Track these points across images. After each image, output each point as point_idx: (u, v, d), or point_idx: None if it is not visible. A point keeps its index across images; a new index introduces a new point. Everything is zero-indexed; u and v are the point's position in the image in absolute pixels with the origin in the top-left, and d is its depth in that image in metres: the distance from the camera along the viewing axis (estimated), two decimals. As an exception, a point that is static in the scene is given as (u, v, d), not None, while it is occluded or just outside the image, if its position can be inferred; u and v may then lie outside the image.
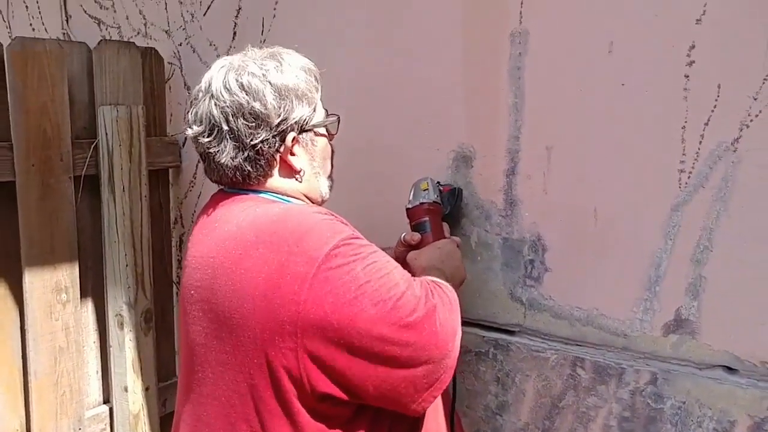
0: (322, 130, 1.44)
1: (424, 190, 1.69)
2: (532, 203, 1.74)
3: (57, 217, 2.00)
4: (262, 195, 1.37)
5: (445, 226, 1.70)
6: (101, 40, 2.16)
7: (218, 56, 2.23)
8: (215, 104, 1.31)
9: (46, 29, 2.73)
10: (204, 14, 2.28)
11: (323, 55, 1.97)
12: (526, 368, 1.77)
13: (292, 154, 1.37)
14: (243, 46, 2.14)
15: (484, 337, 1.83)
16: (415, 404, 1.22)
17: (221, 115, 1.31)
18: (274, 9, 2.11)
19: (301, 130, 1.36)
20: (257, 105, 1.29)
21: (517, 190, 1.75)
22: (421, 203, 1.67)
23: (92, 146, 2.10)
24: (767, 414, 1.48)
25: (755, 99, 1.45)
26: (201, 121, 1.33)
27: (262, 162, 1.34)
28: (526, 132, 1.72)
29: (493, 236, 1.80)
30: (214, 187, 2.27)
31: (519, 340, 1.79)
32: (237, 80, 1.31)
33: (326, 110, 1.46)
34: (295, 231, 1.20)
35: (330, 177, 1.50)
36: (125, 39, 2.45)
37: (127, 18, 2.48)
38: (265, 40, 2.14)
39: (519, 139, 1.73)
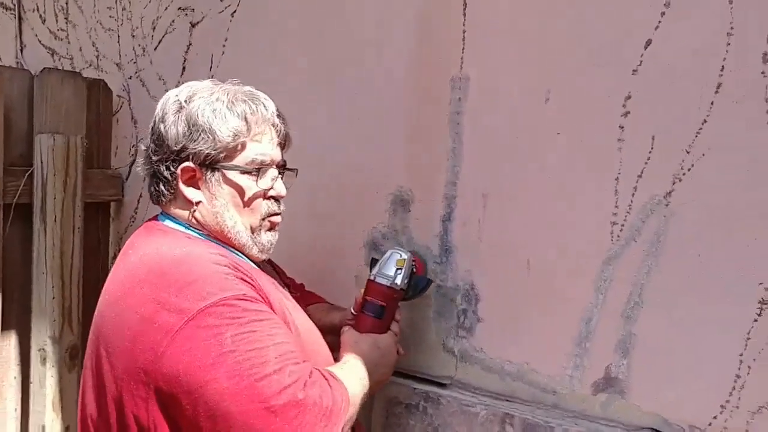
0: (239, 178, 1.34)
1: (397, 269, 1.52)
2: (466, 251, 1.69)
3: (-20, 244, 1.93)
4: (178, 226, 1.34)
5: (397, 312, 1.56)
6: (44, 68, 2.12)
7: (166, 90, 2.23)
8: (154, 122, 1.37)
9: (0, 58, 2.70)
10: (155, 48, 2.25)
11: (268, 93, 1.95)
12: (455, 423, 1.69)
13: (187, 185, 1.33)
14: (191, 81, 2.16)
15: (415, 389, 1.76)
16: None
17: (149, 129, 1.37)
18: (224, 46, 2.09)
19: (208, 167, 1.32)
20: (161, 126, 1.32)
21: (453, 236, 1.71)
22: (389, 286, 1.50)
23: (27, 174, 2.04)
24: (695, 481, 1.41)
25: (688, 152, 1.42)
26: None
27: (162, 184, 1.34)
28: (464, 178, 1.69)
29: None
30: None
31: (450, 394, 1.71)
32: (163, 99, 1.36)
33: (272, 161, 1.38)
34: (181, 279, 1.15)
35: (252, 228, 1.37)
36: (77, 70, 2.42)
37: (81, 49, 2.45)
38: (213, 76, 2.11)
39: (456, 185, 1.70)
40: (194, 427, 1.10)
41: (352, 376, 1.31)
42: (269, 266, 1.60)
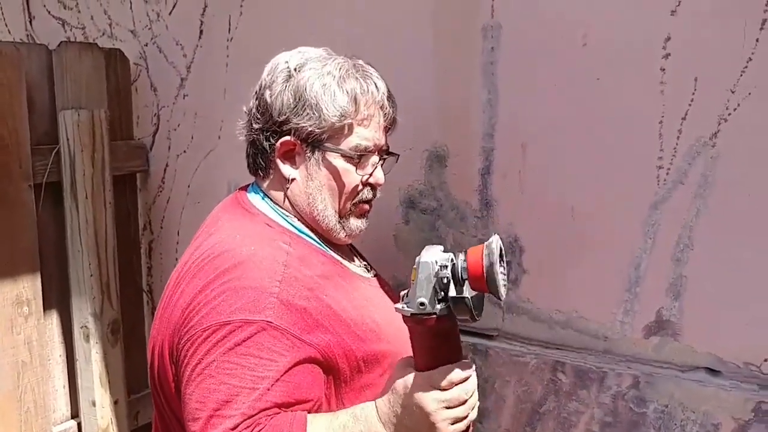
0: (338, 161, 1.29)
1: (427, 282, 1.04)
2: (508, 203, 1.68)
3: (17, 226, 1.92)
4: (265, 206, 1.33)
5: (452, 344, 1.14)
6: (62, 42, 2.08)
7: (185, 56, 2.20)
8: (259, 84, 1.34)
9: (9, 31, 2.64)
10: (170, 13, 2.20)
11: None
12: (505, 373, 1.71)
13: (284, 160, 1.29)
14: (210, 45, 2.13)
15: (462, 342, 1.77)
16: None
17: (254, 93, 1.33)
18: (241, 6, 2.04)
19: (310, 145, 1.27)
20: (267, 93, 1.28)
21: (492, 189, 1.70)
22: (415, 314, 1.04)
23: (53, 152, 2.02)
24: (752, 416, 1.43)
25: (733, 92, 1.40)
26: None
27: (259, 154, 1.32)
28: (501, 129, 1.67)
29: (469, 238, 1.74)
30: (183, 192, 2.24)
31: (498, 345, 1.73)
32: (272, 63, 1.32)
33: (375, 145, 1.31)
34: (229, 282, 1.15)
35: (341, 212, 1.32)
36: (90, 40, 2.37)
37: (92, 18, 2.40)
38: (232, 39, 2.07)
39: (493, 137, 1.68)
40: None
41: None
42: (348, 249, 1.49)
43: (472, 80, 1.68)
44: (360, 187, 1.32)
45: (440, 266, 1.05)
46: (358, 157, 1.29)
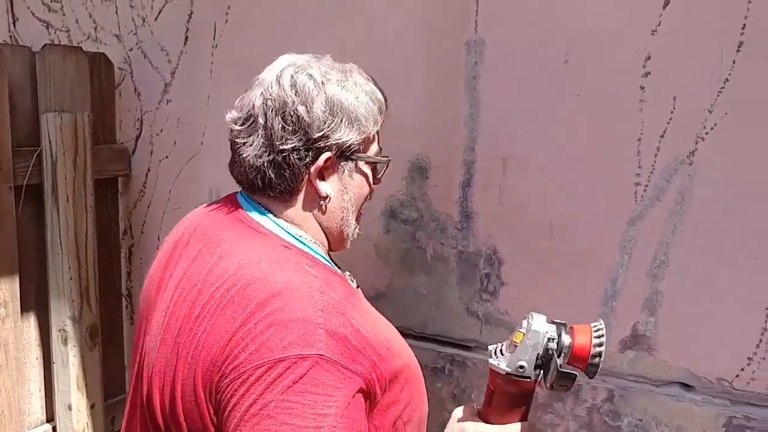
0: (366, 168, 1.29)
1: (513, 344, 1.14)
2: (487, 215, 1.70)
3: (-4, 228, 1.91)
4: (281, 233, 1.22)
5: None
6: (46, 44, 2.08)
7: (169, 62, 2.20)
8: (261, 94, 1.21)
9: (-7, 33, 2.63)
10: (155, 18, 2.21)
11: (277, 58, 1.92)
12: (482, 384, 1.72)
13: (322, 178, 1.23)
14: (195, 51, 2.13)
15: (440, 352, 1.79)
16: None
17: (261, 107, 1.20)
18: (227, 14, 2.05)
19: (342, 156, 1.23)
20: (301, 109, 1.18)
21: (473, 201, 1.71)
22: (491, 366, 1.15)
23: (35, 154, 2.01)
24: (723, 431, 1.46)
25: (710, 111, 1.43)
26: (241, 109, 1.23)
27: (287, 174, 1.20)
28: (482, 143, 1.69)
29: (449, 249, 1.76)
30: (164, 197, 2.23)
31: (475, 356, 1.75)
32: (292, 77, 1.20)
33: (381, 148, 1.34)
34: (273, 315, 1.06)
35: (357, 220, 1.34)
36: (75, 43, 2.36)
37: (77, 22, 2.39)
38: (217, 46, 2.08)
39: (474, 150, 1.70)
40: None
41: None
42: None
43: (455, 94, 1.70)
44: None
45: (548, 338, 1.12)
46: (383, 160, 1.32)
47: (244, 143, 1.21)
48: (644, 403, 1.53)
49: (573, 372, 1.10)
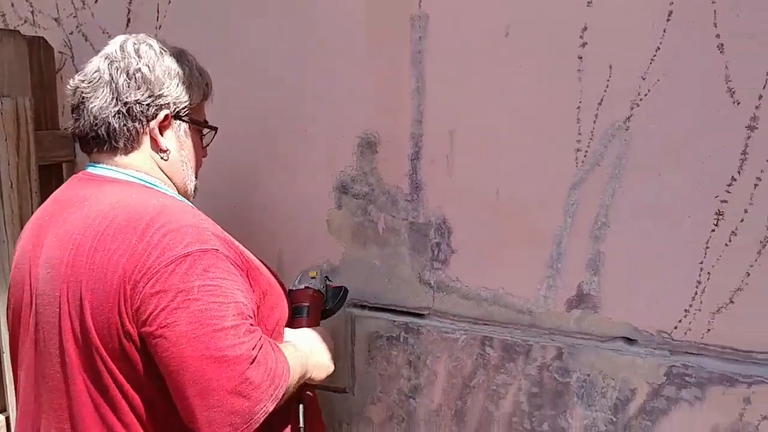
0: (195, 131, 1.46)
1: (312, 278, 1.66)
2: (436, 187, 1.75)
3: (-62, 216, 1.87)
4: (134, 180, 1.35)
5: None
6: (-18, 28, 2.03)
7: (112, 45, 2.17)
8: (105, 59, 1.36)
9: None
10: (95, 1, 2.17)
11: (220, 40, 1.93)
12: (436, 350, 1.78)
13: (161, 133, 1.38)
14: (138, 33, 2.10)
15: (394, 321, 1.84)
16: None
17: (107, 69, 1.35)
18: (170, -5, 2.04)
19: (178, 117, 1.40)
20: (145, 69, 1.34)
21: (422, 174, 1.76)
22: (306, 287, 1.64)
23: (-24, 141, 1.97)
24: (664, 380, 1.55)
25: (644, 79, 1.50)
26: (85, 74, 1.37)
27: (130, 125, 1.34)
28: (429, 116, 1.73)
29: (400, 221, 1.80)
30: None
31: (429, 323, 1.80)
32: (134, 45, 1.37)
33: (207, 121, 1.51)
34: (164, 227, 1.20)
35: (196, 177, 1.50)
36: (10, 27, 2.31)
37: (12, 5, 2.34)
38: (160, 27, 2.06)
39: (422, 123, 1.74)
40: (156, 363, 1.17)
41: (292, 353, 1.35)
42: None
43: (401, 69, 1.74)
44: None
45: (326, 275, 1.72)
46: (208, 127, 1.49)
47: (92, 96, 1.34)
48: (591, 359, 1.61)
49: (340, 286, 1.68)
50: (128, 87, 1.33)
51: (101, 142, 1.35)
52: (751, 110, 1.44)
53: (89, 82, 1.35)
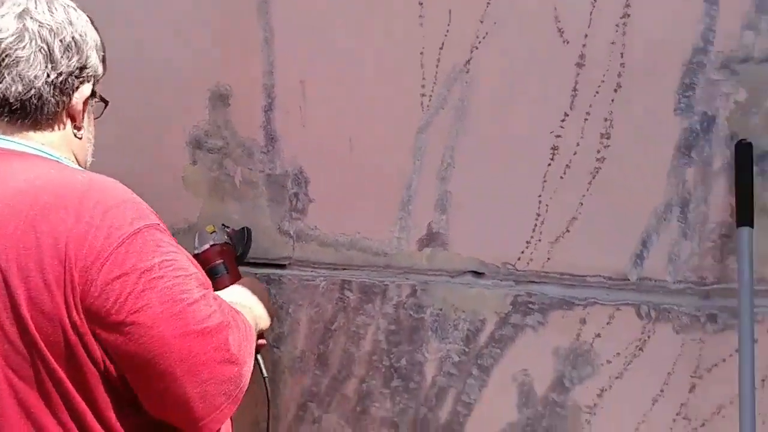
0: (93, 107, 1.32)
1: (211, 233, 1.63)
2: (291, 137, 1.77)
3: None
4: (44, 154, 1.19)
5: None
6: None
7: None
8: (30, 18, 1.16)
9: None
10: None
11: None
12: (298, 298, 1.82)
13: (82, 108, 1.25)
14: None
15: (257, 274, 1.85)
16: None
17: (38, 30, 1.16)
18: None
19: (91, 91, 1.26)
20: (77, 36, 1.20)
21: (276, 125, 1.77)
22: (212, 245, 1.60)
23: None
24: (510, 309, 1.65)
25: (482, 22, 1.57)
26: (7, 29, 1.15)
27: (58, 99, 1.19)
28: (279, 67, 1.74)
29: (257, 173, 1.81)
30: None
31: (290, 273, 1.83)
32: (65, 9, 1.21)
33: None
34: (102, 202, 1.08)
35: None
36: None
37: None
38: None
39: (273, 74, 1.75)
40: (127, 356, 1.06)
41: (241, 311, 1.30)
42: None
43: (248, 20, 1.73)
44: None
45: (222, 223, 1.73)
46: (102, 101, 1.34)
47: (27, 57, 1.15)
48: (443, 294, 1.69)
49: (242, 228, 1.74)
50: (62, 56, 1.18)
51: (23, 114, 1.18)
52: (579, 48, 1.53)
53: (19, 40, 1.15)
